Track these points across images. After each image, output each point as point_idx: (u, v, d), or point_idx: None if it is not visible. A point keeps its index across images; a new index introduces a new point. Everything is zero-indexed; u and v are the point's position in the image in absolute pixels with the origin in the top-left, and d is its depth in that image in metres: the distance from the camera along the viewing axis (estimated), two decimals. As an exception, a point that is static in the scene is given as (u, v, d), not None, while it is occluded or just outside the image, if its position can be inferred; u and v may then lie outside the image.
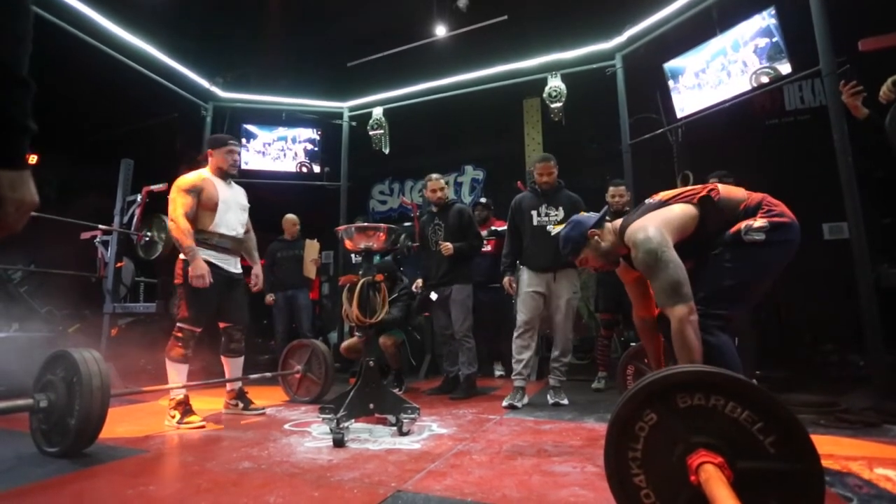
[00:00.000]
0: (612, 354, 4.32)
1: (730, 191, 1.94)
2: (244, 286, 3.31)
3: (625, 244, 1.96)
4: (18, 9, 0.74)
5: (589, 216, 2.16)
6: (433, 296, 3.91)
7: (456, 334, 3.81)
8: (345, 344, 4.39)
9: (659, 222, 1.84)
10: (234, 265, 3.19)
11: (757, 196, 1.91)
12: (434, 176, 4.02)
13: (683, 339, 1.66)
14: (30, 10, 0.76)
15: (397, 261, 5.52)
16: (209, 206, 3.01)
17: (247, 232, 3.33)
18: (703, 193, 1.90)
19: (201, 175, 3.08)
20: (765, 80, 4.18)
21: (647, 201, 2.02)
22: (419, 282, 4.37)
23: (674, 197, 1.96)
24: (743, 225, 1.82)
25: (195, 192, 2.98)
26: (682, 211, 1.89)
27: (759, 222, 1.80)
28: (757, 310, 3.89)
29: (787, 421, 1.08)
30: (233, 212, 3.15)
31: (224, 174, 3.16)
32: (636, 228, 1.87)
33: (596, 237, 2.09)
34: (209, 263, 2.94)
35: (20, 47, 0.74)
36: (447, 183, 4.06)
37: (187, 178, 3.03)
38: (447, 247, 3.77)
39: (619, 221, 2.07)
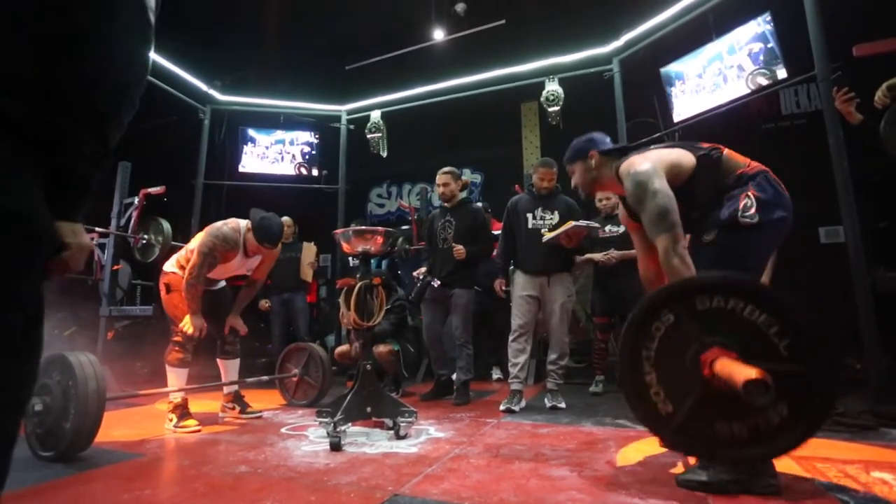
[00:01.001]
0: (609, 358, 4.31)
1: (733, 155, 1.90)
2: (230, 294, 3.33)
3: (619, 180, 1.94)
4: (133, 102, 0.88)
5: (606, 141, 2.13)
6: (435, 282, 3.76)
7: (455, 339, 3.74)
8: (338, 350, 4.37)
9: (653, 158, 1.83)
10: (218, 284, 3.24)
11: (758, 167, 1.87)
12: (444, 169, 3.89)
13: (670, 268, 1.60)
14: (136, 104, 0.89)
15: (395, 264, 5.52)
16: (216, 267, 3.02)
17: (253, 282, 3.29)
18: (707, 150, 1.87)
19: (237, 239, 3.00)
20: (761, 81, 4.20)
21: (650, 146, 2.01)
22: (423, 269, 4.24)
23: (676, 146, 1.95)
24: (741, 203, 1.75)
25: (217, 254, 2.94)
26: (679, 154, 1.87)
27: (751, 203, 1.74)
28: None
29: (803, 326, 1.09)
30: (233, 271, 3.17)
31: (247, 250, 3.10)
32: (630, 162, 1.87)
33: (594, 159, 2.07)
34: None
35: (119, 130, 0.87)
36: (459, 178, 3.92)
37: (225, 240, 2.95)
38: (460, 250, 3.64)
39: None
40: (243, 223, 3.06)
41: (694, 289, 1.16)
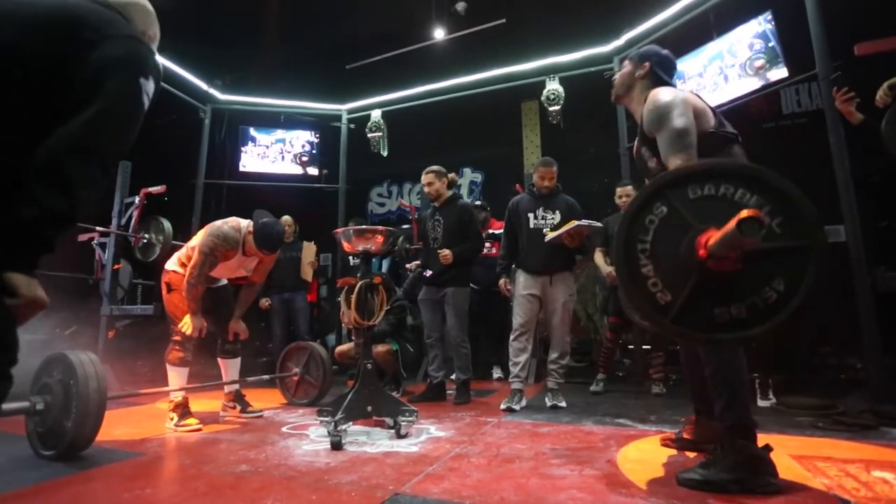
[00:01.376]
0: (614, 359, 4.31)
1: (739, 154, 1.89)
2: (230, 291, 3.32)
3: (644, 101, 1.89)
4: (108, 174, 0.97)
5: (670, 65, 2.06)
6: (427, 272, 3.74)
7: (451, 339, 3.68)
8: (339, 349, 4.37)
9: (684, 94, 1.80)
10: (219, 282, 3.24)
11: None
12: (427, 169, 3.85)
13: None
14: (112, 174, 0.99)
15: (396, 263, 5.52)
16: (216, 266, 3.01)
17: (252, 284, 3.28)
18: (726, 130, 1.87)
19: (238, 238, 2.99)
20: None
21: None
22: (416, 262, 4.17)
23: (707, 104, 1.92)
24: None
25: (218, 254, 2.93)
26: (705, 109, 1.84)
27: None
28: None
29: (794, 202, 1.10)
30: (231, 270, 3.17)
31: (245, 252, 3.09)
32: (660, 90, 1.83)
33: (644, 69, 1.99)
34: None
35: (89, 205, 0.94)
36: (444, 176, 3.86)
37: (225, 240, 2.93)
38: (446, 256, 3.59)
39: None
40: (244, 223, 3.05)
41: (685, 178, 1.17)
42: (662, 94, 1.79)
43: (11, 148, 0.90)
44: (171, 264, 3.06)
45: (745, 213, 1.02)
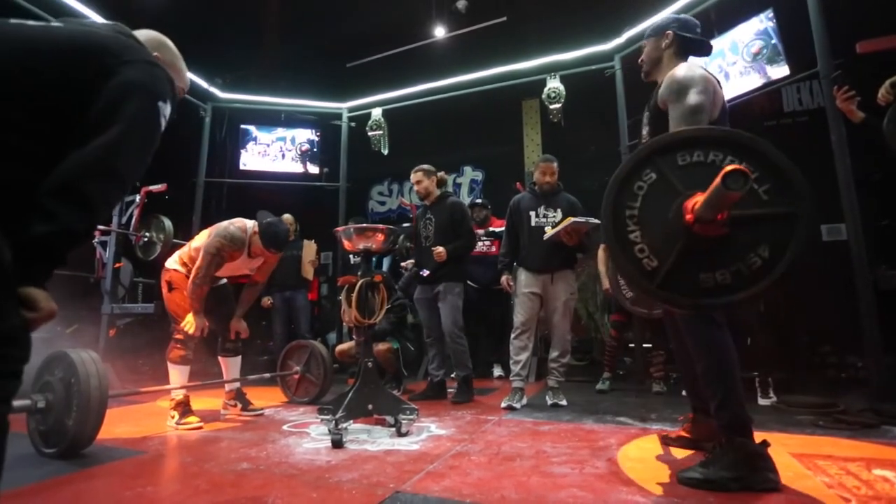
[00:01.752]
0: (619, 357, 4.31)
1: None
2: (230, 289, 3.31)
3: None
4: (113, 201, 1.02)
5: (690, 27, 2.01)
6: (424, 272, 3.71)
7: (446, 336, 3.64)
8: (339, 347, 4.38)
9: (708, 78, 1.76)
10: (219, 281, 3.23)
11: None
12: (416, 168, 3.84)
13: None
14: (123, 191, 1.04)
15: (396, 261, 5.52)
16: (222, 265, 3.01)
17: (255, 283, 3.29)
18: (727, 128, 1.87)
19: (244, 239, 2.99)
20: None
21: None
22: (411, 261, 4.13)
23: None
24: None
25: (225, 254, 2.93)
26: (721, 96, 1.80)
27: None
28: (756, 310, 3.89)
29: (782, 169, 1.11)
30: (235, 271, 3.17)
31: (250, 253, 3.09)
32: (686, 65, 1.82)
33: (668, 38, 1.96)
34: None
35: (98, 222, 0.99)
36: (434, 174, 3.84)
37: (232, 241, 2.93)
38: (440, 253, 3.58)
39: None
40: (250, 224, 3.06)
41: (674, 144, 1.17)
42: (686, 69, 1.78)
43: (33, 159, 0.94)
44: (172, 262, 3.06)
45: (729, 167, 1.03)
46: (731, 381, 1.67)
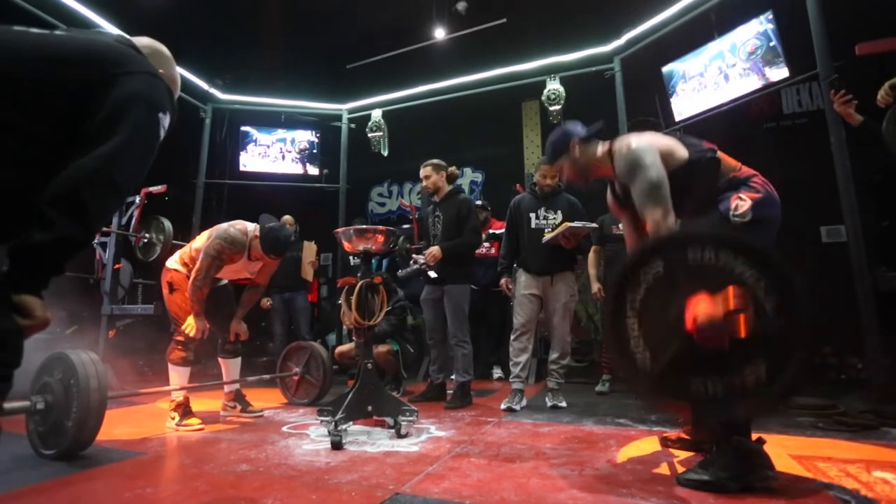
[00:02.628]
0: None
1: (725, 158, 1.92)
2: (231, 291, 3.30)
3: (611, 160, 1.94)
4: (111, 210, 1.04)
5: (578, 128, 2.13)
6: (432, 273, 3.59)
7: (450, 339, 3.59)
8: (339, 349, 4.37)
9: (647, 138, 1.85)
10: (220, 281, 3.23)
11: (749, 171, 1.89)
12: (426, 162, 3.73)
13: None
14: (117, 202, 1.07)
15: (396, 263, 5.52)
16: (221, 268, 3.00)
17: (256, 286, 3.26)
18: (703, 151, 1.89)
19: (244, 242, 2.96)
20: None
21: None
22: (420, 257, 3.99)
23: (669, 136, 1.97)
24: (732, 203, 1.77)
25: (225, 257, 2.91)
26: (672, 144, 1.88)
27: (743, 203, 1.74)
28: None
29: (790, 287, 1.09)
30: (234, 273, 3.16)
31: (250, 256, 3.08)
32: (625, 141, 1.88)
33: (578, 148, 2.05)
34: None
35: (95, 231, 1.01)
36: (443, 169, 3.72)
37: (232, 243, 2.91)
38: (434, 255, 3.47)
39: (612, 142, 2.03)
40: (251, 227, 3.04)
41: (686, 240, 1.16)
42: (631, 141, 1.85)
43: (33, 165, 0.95)
44: (173, 262, 3.05)
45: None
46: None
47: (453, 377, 3.73)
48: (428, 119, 6.58)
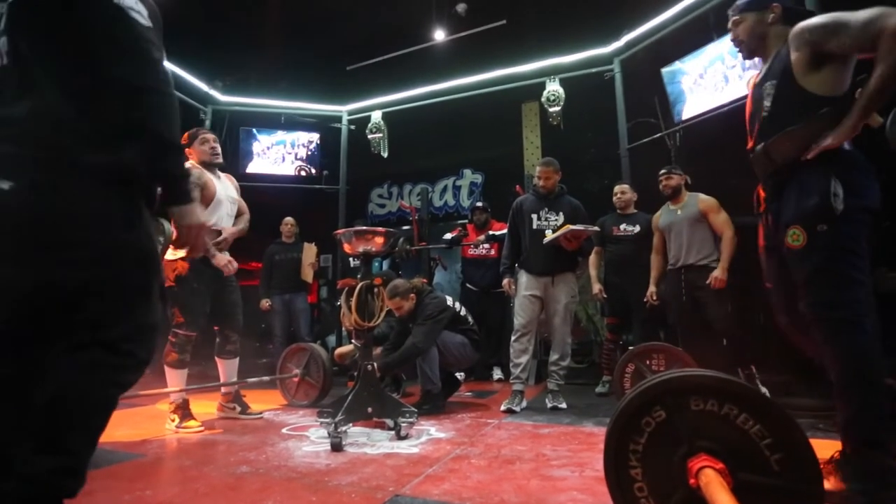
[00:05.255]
0: (616, 359, 4.31)
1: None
2: (238, 289, 3.26)
3: (786, 42, 1.71)
4: (172, 100, 1.09)
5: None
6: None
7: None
8: (338, 350, 4.36)
9: None
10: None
11: None
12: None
13: None
14: (175, 99, 1.11)
15: (396, 264, 5.52)
16: (206, 200, 2.95)
17: (240, 214, 3.26)
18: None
19: (199, 167, 2.98)
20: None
21: None
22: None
23: None
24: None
25: (200, 184, 2.88)
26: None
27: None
28: (751, 311, 3.89)
29: (797, 442, 1.07)
30: (224, 205, 3.09)
31: (208, 166, 3.07)
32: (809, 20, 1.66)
33: (775, 13, 1.79)
34: (204, 261, 2.89)
35: (174, 125, 1.09)
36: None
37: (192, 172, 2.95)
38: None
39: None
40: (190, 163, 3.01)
41: (690, 388, 1.14)
42: (813, 18, 1.64)
43: None
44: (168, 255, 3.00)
45: None
46: (872, 392, 1.57)
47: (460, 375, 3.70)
48: (428, 120, 6.58)
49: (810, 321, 1.69)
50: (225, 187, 3.16)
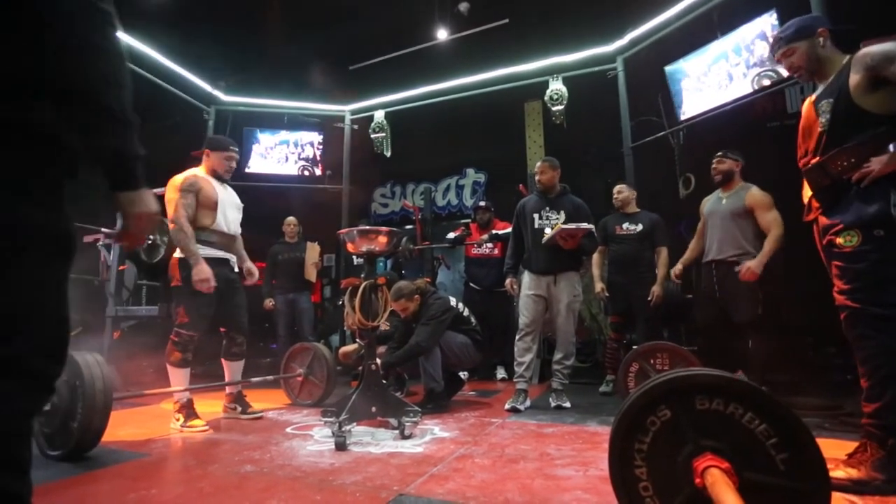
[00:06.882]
0: (620, 357, 4.30)
1: None
2: (243, 290, 3.28)
3: (849, 67, 1.78)
4: (120, 63, 0.91)
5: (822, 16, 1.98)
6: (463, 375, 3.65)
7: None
8: (342, 350, 4.37)
9: None
10: (233, 264, 3.18)
11: None
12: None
13: None
14: (126, 64, 0.94)
15: (399, 264, 5.53)
16: (208, 204, 2.99)
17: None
18: None
19: (196, 174, 3.04)
20: (766, 82, 4.18)
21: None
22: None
23: None
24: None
25: (194, 190, 2.94)
26: None
27: None
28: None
29: (803, 441, 1.07)
30: (230, 210, 3.14)
31: (218, 176, 3.14)
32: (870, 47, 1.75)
33: (824, 37, 1.90)
34: (211, 262, 2.91)
35: (122, 93, 0.91)
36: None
37: (184, 177, 2.96)
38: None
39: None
40: (192, 170, 3.08)
41: (695, 387, 1.14)
42: (877, 46, 1.73)
43: None
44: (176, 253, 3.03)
45: None
46: None
47: (463, 374, 3.71)
48: (431, 120, 6.58)
49: (848, 315, 1.82)
50: (230, 195, 3.22)
